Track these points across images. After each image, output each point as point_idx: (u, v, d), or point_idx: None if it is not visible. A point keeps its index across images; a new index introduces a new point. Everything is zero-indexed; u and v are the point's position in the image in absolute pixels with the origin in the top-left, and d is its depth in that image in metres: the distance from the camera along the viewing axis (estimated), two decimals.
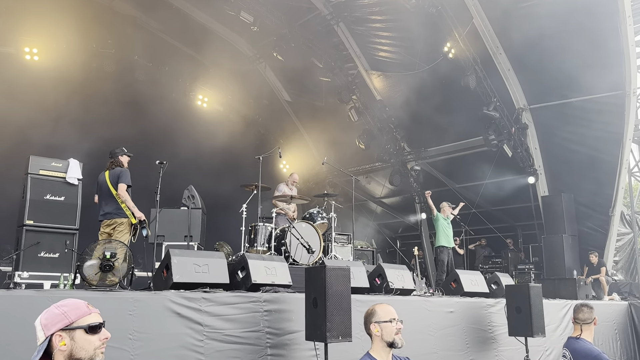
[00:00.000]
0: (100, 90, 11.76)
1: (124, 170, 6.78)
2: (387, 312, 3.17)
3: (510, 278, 8.97)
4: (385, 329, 3.11)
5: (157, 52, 13.68)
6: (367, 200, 17.81)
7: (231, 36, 15.54)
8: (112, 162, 6.90)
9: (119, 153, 6.98)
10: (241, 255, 6.47)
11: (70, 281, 5.16)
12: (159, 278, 5.12)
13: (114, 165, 6.86)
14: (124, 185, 6.64)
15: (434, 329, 6.40)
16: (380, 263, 7.65)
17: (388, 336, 3.10)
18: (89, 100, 11.42)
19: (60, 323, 1.98)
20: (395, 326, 3.12)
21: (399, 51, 13.99)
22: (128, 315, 4.12)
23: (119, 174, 6.69)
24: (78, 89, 11.41)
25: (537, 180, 13.12)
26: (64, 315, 1.99)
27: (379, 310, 3.17)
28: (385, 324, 3.12)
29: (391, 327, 3.12)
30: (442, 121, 13.18)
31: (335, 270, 4.60)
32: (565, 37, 10.90)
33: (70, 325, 1.99)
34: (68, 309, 2.01)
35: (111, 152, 7.00)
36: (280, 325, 4.97)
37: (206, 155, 13.16)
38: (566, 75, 11.18)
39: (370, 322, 3.16)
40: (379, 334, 3.10)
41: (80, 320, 2.01)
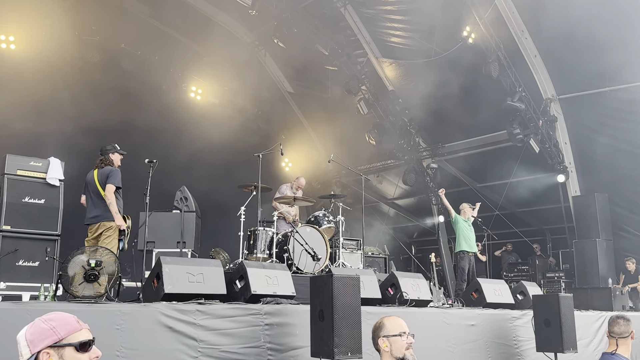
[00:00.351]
0: (84, 82, 11.79)
1: (114, 169, 6.79)
2: (397, 326, 3.17)
3: (538, 287, 8.95)
4: (395, 343, 3.12)
5: (146, 39, 13.70)
6: (379, 201, 17.80)
7: (227, 21, 15.55)
8: (102, 160, 6.91)
9: (110, 150, 6.99)
10: (239, 263, 6.48)
11: (51, 292, 5.18)
12: (149, 289, 5.14)
13: (104, 163, 6.87)
14: (112, 186, 6.64)
15: (454, 344, 6.39)
16: (394, 271, 7.64)
17: (398, 352, 3.10)
18: (72, 94, 11.46)
19: (48, 339, 1.97)
20: (405, 340, 3.12)
21: (413, 36, 13.96)
22: (115, 329, 4.14)
23: (108, 173, 6.70)
24: (59, 81, 11.45)
25: (567, 178, 13.08)
26: (52, 331, 1.99)
27: (387, 324, 3.18)
28: (394, 338, 3.12)
29: (401, 342, 3.12)
30: (462, 114, 13.14)
31: (343, 280, 4.60)
32: (598, 19, 10.82)
33: (60, 342, 1.98)
34: (57, 324, 2.01)
35: (102, 148, 7.02)
36: (282, 340, 4.98)
37: (200, 153, 13.18)
38: (599, 62, 11.13)
39: (378, 336, 3.17)
40: (388, 349, 3.10)
41: (70, 337, 2.01)
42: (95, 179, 6.75)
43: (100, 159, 6.92)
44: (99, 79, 12.09)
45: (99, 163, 6.90)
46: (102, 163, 6.87)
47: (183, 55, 14.92)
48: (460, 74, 12.64)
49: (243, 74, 15.66)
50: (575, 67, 11.88)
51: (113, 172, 6.73)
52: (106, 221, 6.58)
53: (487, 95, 12.65)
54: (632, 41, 10.77)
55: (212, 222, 11.40)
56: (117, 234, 6.63)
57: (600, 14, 10.76)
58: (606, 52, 10.96)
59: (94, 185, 6.74)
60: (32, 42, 11.99)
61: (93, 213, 6.68)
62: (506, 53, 12.33)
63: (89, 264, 4.83)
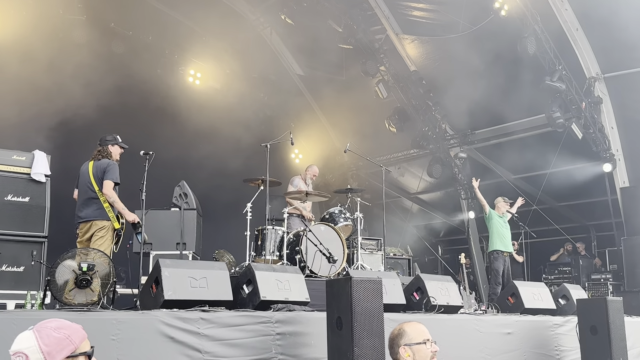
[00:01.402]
0: (70, 67, 11.84)
1: (111, 163, 6.74)
2: (420, 332, 3.15)
3: (583, 291, 8.91)
4: (419, 352, 3.09)
5: (138, 18, 13.74)
6: (401, 196, 17.78)
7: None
8: (100, 152, 6.86)
9: (110, 141, 6.95)
10: (247, 266, 6.51)
11: (38, 300, 5.24)
12: (147, 295, 5.18)
13: (101, 155, 6.84)
14: (111, 182, 6.59)
15: (488, 354, 6.39)
16: (419, 274, 7.64)
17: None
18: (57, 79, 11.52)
19: (66, 349, 2.05)
20: (430, 349, 3.10)
21: (437, 9, 13.89)
22: (111, 340, 4.18)
23: (106, 167, 6.65)
24: (43, 65, 11.51)
25: (614, 167, 12.98)
26: (69, 340, 2.07)
27: (409, 330, 3.15)
28: (418, 347, 3.09)
29: (425, 351, 3.10)
30: (494, 97, 13.06)
31: (363, 283, 4.61)
32: None
33: (75, 352, 2.06)
34: (70, 332, 2.09)
35: (101, 139, 6.99)
36: (296, 351, 5.00)
37: (201, 144, 13.24)
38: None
39: (398, 344, 3.13)
40: (411, 359, 3.09)
41: (82, 345, 2.10)
42: (90, 171, 6.70)
43: (98, 150, 6.86)
44: (87, 63, 12.12)
45: (95, 154, 6.84)
46: (99, 154, 6.82)
47: (180, 36, 14.94)
48: (492, 51, 12.57)
49: (247, 56, 15.68)
50: (623, 42, 11.73)
51: (110, 167, 6.66)
52: (99, 220, 6.56)
53: (523, 74, 12.56)
54: None
55: (215, 220, 11.45)
56: (111, 236, 6.65)
57: None
58: None
59: (87, 179, 6.69)
60: (12, 23, 12.05)
61: (84, 211, 6.64)
62: (544, 27, 12.24)
63: (81, 268, 4.88)
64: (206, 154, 13.12)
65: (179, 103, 14.08)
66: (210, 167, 12.79)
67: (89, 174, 6.71)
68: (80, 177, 6.86)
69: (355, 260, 9.09)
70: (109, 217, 6.60)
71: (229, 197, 10.86)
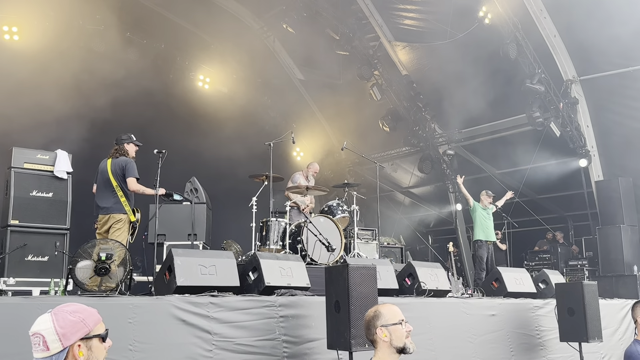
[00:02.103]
0: (89, 73, 11.83)
1: (129, 161, 6.75)
2: (395, 313, 3.12)
3: (561, 276, 8.92)
4: (395, 332, 3.05)
5: (152, 27, 13.72)
6: (394, 190, 17.77)
7: (235, 7, 15.53)
8: (117, 150, 6.87)
9: (125, 140, 6.96)
10: (252, 254, 6.50)
11: (61, 287, 5.24)
12: (161, 282, 5.18)
13: (119, 153, 6.84)
14: (133, 178, 6.63)
15: (474, 334, 6.39)
16: (411, 261, 7.64)
17: (398, 341, 3.04)
18: (77, 85, 11.50)
19: (80, 332, 2.04)
20: (405, 329, 3.08)
21: (427, 18, 13.86)
22: (128, 323, 4.18)
23: (125, 165, 6.67)
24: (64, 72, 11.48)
25: (589, 163, 12.97)
26: (83, 323, 2.05)
27: (384, 312, 3.12)
28: (394, 327, 3.06)
29: (401, 330, 3.05)
30: (479, 98, 13.02)
31: (359, 270, 4.61)
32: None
33: (89, 334, 2.05)
34: (85, 316, 2.08)
35: (117, 138, 7.00)
36: (298, 332, 5.00)
37: (210, 143, 13.21)
38: (622, 40, 10.97)
39: (375, 326, 3.08)
40: (388, 339, 3.05)
41: (96, 328, 2.08)
42: (109, 168, 6.71)
43: (115, 149, 6.87)
44: (105, 69, 12.11)
45: (113, 152, 6.85)
46: (116, 153, 6.82)
47: (190, 44, 14.92)
48: (477, 56, 12.55)
49: (252, 62, 15.66)
50: (597, 47, 11.72)
51: (129, 165, 6.68)
52: (116, 213, 6.56)
53: (505, 77, 12.55)
54: None
55: (223, 213, 11.43)
56: (127, 227, 6.64)
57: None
58: (628, 30, 10.80)
59: (106, 175, 6.70)
60: (35, 32, 12.04)
61: (103, 204, 6.65)
62: (524, 33, 12.22)
63: (100, 257, 4.88)
64: (215, 152, 13.10)
65: (190, 105, 14.08)
66: (218, 164, 12.78)
67: (108, 170, 6.72)
68: (99, 173, 6.86)
69: (352, 249, 9.07)
70: (126, 210, 6.62)
71: (236, 192, 10.84)
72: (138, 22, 13.22)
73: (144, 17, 13.33)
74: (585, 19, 11.42)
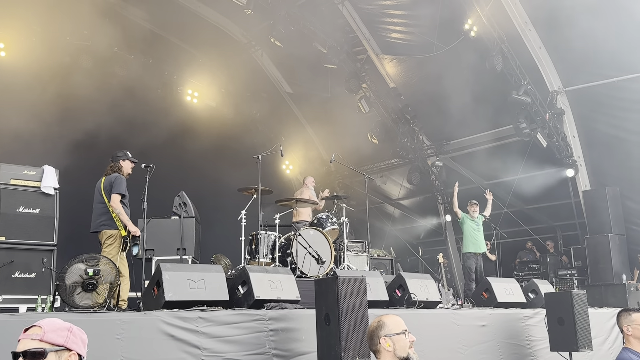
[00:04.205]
0: (77, 88, 11.80)
1: (118, 177, 6.72)
2: (398, 323, 3.13)
3: (550, 285, 8.94)
4: (399, 342, 3.06)
5: (139, 42, 13.71)
6: (383, 202, 17.78)
7: (222, 22, 15.59)
8: (111, 167, 6.87)
9: (121, 157, 6.95)
10: (241, 268, 6.47)
11: (48, 303, 5.18)
12: (149, 297, 5.14)
13: (112, 170, 6.84)
14: (117, 195, 6.59)
15: (464, 345, 6.37)
16: (401, 272, 7.63)
17: (402, 351, 3.05)
18: (64, 100, 11.47)
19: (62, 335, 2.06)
20: (408, 339, 3.08)
21: (413, 31, 13.96)
22: (115, 339, 4.14)
23: (113, 181, 6.66)
24: (51, 88, 11.45)
25: (576, 172, 13.05)
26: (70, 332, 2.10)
27: (388, 322, 3.13)
28: (397, 337, 3.07)
29: (404, 340, 3.07)
30: (466, 109, 13.11)
31: (349, 282, 4.60)
32: (605, 7, 10.83)
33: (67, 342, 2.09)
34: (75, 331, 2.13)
35: (113, 155, 7.00)
36: (288, 346, 4.97)
37: (198, 157, 13.19)
38: (607, 51, 11.11)
39: (379, 336, 3.09)
40: (391, 349, 3.05)
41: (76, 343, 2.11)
42: (102, 185, 6.73)
43: (110, 166, 6.88)
44: (92, 84, 12.10)
45: (108, 169, 6.86)
46: (110, 170, 6.83)
47: (178, 58, 14.94)
48: (463, 68, 12.63)
49: (240, 76, 15.69)
50: (582, 58, 11.85)
51: (117, 180, 6.66)
52: (107, 229, 6.56)
53: (492, 89, 12.64)
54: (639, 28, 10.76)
55: (212, 227, 11.39)
56: (119, 242, 6.62)
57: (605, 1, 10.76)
58: (613, 40, 10.94)
59: (99, 192, 6.73)
60: (22, 48, 12.02)
61: (95, 220, 6.68)
62: (510, 45, 12.32)
63: (87, 273, 4.84)
64: (204, 166, 13.10)
65: (178, 120, 14.05)
66: (207, 178, 12.75)
67: (101, 187, 6.74)
68: (95, 191, 6.87)
69: (342, 261, 9.05)
70: (117, 225, 6.60)
71: (224, 205, 10.81)
72: (125, 37, 13.21)
73: (131, 32, 13.32)
74: (570, 31, 11.55)
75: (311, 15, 14.08)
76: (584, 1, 10.88)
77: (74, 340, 2.06)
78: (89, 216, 6.88)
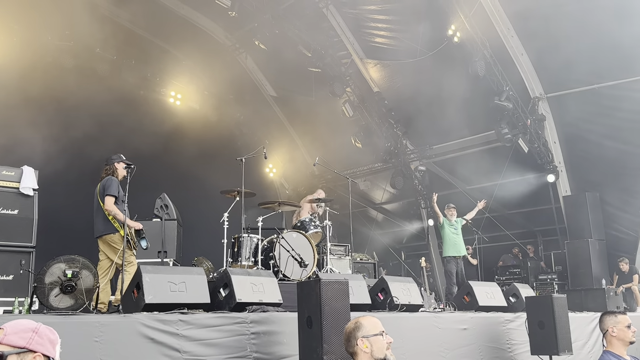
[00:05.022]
0: (58, 89, 11.66)
1: (109, 179, 6.67)
2: (375, 325, 3.12)
3: (531, 289, 8.98)
4: (376, 343, 3.05)
5: (122, 43, 13.60)
6: (367, 206, 17.79)
7: (206, 24, 15.52)
8: (106, 170, 6.81)
9: (114, 160, 6.89)
10: (223, 271, 6.42)
11: (26, 306, 5.09)
12: (129, 299, 5.07)
13: (107, 173, 6.78)
14: (110, 197, 6.53)
15: (446, 348, 6.38)
16: (383, 276, 7.63)
17: (379, 352, 3.04)
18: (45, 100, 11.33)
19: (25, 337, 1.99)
20: (385, 340, 3.07)
21: (397, 36, 14.02)
22: (94, 342, 4.07)
23: (105, 183, 6.62)
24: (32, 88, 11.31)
25: (557, 178, 13.16)
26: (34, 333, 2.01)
27: (365, 323, 3.12)
28: (375, 338, 3.05)
29: (382, 341, 3.05)
30: (449, 114, 13.19)
31: (331, 285, 4.57)
32: (586, 14, 10.95)
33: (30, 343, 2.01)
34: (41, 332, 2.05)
35: (107, 158, 6.94)
36: (270, 349, 4.93)
37: (181, 159, 13.10)
38: (588, 58, 11.23)
39: (356, 337, 3.07)
40: (369, 350, 3.04)
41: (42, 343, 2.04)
42: (97, 190, 6.69)
43: (105, 169, 6.82)
44: (73, 85, 11.96)
45: (102, 174, 6.80)
46: (105, 173, 6.78)
47: (161, 60, 14.84)
48: (447, 73, 12.70)
49: (223, 78, 15.62)
50: (563, 65, 11.96)
51: (108, 182, 6.61)
52: (108, 234, 6.51)
53: (474, 94, 12.72)
54: (620, 36, 10.87)
55: (194, 230, 11.32)
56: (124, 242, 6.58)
57: (587, 9, 10.89)
58: (594, 48, 11.07)
59: (96, 197, 6.69)
60: (2, 48, 11.85)
61: (95, 226, 6.64)
62: (492, 52, 12.43)
63: (66, 275, 4.77)
64: (186, 168, 13.01)
65: (161, 122, 13.94)
66: (189, 180, 12.66)
67: (97, 192, 6.70)
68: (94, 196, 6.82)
69: (325, 265, 9.03)
70: (115, 227, 6.56)
71: (207, 208, 10.73)
72: (108, 38, 13.08)
73: (114, 33, 13.20)
74: (552, 38, 11.69)
75: (296, 18, 14.08)
76: (566, 9, 11.02)
77: (39, 342, 2.00)
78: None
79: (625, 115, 11.73)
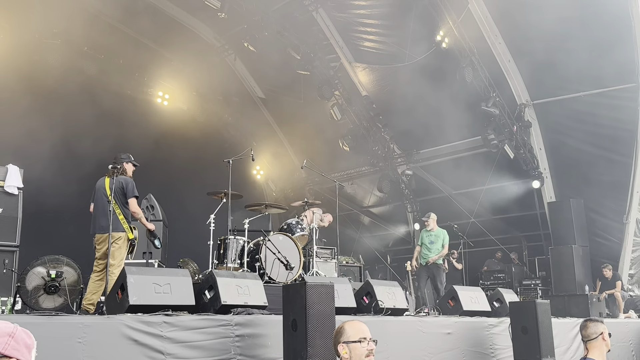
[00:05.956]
0: (45, 87, 11.58)
1: (130, 181, 6.71)
2: (358, 331, 3.11)
3: (515, 295, 9.02)
4: (355, 350, 3.04)
5: (110, 42, 13.53)
6: (353, 209, 17.82)
7: (196, 24, 15.48)
8: (116, 169, 6.76)
9: (124, 159, 6.91)
10: (209, 272, 6.40)
11: (9, 305, 5.04)
12: (113, 300, 5.04)
13: (117, 172, 6.72)
14: (135, 199, 6.61)
15: (430, 352, 6.40)
16: (369, 279, 7.64)
17: (357, 359, 3.05)
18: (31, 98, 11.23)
19: None
20: (366, 347, 3.06)
21: (386, 41, 14.08)
22: (77, 343, 4.04)
23: (125, 185, 6.63)
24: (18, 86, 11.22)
25: (542, 184, 13.26)
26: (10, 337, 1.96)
27: (348, 329, 3.11)
28: (354, 345, 3.05)
29: (360, 349, 3.04)
30: (436, 119, 13.27)
31: (317, 288, 4.57)
32: (572, 23, 11.07)
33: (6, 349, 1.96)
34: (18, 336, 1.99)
35: (115, 157, 6.94)
36: (254, 352, 4.92)
37: (167, 160, 13.04)
38: (573, 66, 11.34)
39: (338, 342, 3.08)
40: (347, 357, 3.04)
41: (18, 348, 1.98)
42: (107, 187, 6.65)
43: (114, 167, 6.75)
44: (61, 84, 11.87)
45: (111, 171, 6.73)
46: (115, 172, 6.71)
47: (149, 60, 14.77)
48: (434, 79, 12.77)
49: (212, 79, 15.58)
50: (549, 72, 12.09)
51: (130, 184, 6.68)
52: (115, 232, 6.43)
53: (461, 100, 12.79)
54: (606, 45, 11.00)
55: (180, 231, 11.27)
56: (126, 245, 6.60)
57: (574, 17, 11.00)
58: (580, 56, 11.17)
59: (104, 194, 6.65)
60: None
61: (101, 223, 6.57)
62: (480, 58, 12.51)
63: (50, 275, 4.73)
64: (173, 169, 12.95)
65: (148, 122, 13.87)
66: (176, 181, 12.61)
67: (106, 188, 6.66)
68: (96, 191, 6.79)
69: (311, 268, 9.03)
70: (124, 228, 6.56)
71: (193, 209, 10.70)
72: (96, 37, 13.02)
73: (102, 32, 13.14)
74: (539, 45, 11.79)
75: (285, 21, 14.09)
76: (554, 16, 11.11)
77: (15, 347, 1.95)
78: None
79: (607, 123, 11.85)
